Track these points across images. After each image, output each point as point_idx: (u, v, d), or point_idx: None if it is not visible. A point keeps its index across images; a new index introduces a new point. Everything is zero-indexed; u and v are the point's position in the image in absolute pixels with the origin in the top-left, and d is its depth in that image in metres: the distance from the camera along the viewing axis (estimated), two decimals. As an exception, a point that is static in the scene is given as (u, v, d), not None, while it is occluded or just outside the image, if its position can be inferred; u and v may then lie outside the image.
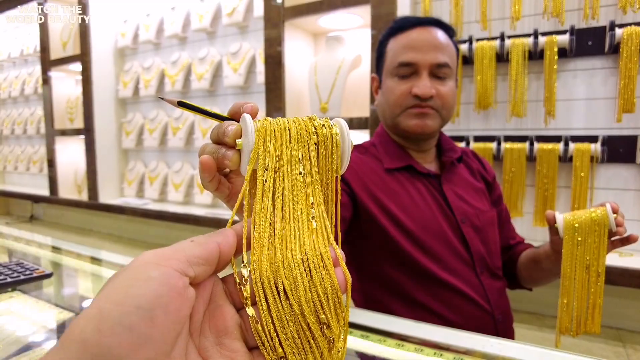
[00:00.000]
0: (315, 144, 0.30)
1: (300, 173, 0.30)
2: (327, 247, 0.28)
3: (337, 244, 0.30)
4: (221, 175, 0.37)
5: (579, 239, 0.74)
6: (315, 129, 0.30)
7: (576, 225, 0.74)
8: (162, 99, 0.36)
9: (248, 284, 0.27)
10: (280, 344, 0.26)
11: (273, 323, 0.26)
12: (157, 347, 0.22)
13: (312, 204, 0.29)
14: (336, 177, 0.31)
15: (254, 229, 0.28)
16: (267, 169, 0.29)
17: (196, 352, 0.25)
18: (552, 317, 1.53)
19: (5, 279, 0.78)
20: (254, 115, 0.32)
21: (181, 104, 0.34)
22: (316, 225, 0.29)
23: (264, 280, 0.26)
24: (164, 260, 0.23)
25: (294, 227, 0.28)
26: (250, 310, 0.26)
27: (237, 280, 0.27)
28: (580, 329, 0.75)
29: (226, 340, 0.26)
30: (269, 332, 0.26)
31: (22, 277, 0.80)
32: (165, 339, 0.22)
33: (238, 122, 0.31)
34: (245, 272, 0.27)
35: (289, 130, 0.30)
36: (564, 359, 0.58)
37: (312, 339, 0.26)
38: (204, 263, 0.25)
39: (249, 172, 0.29)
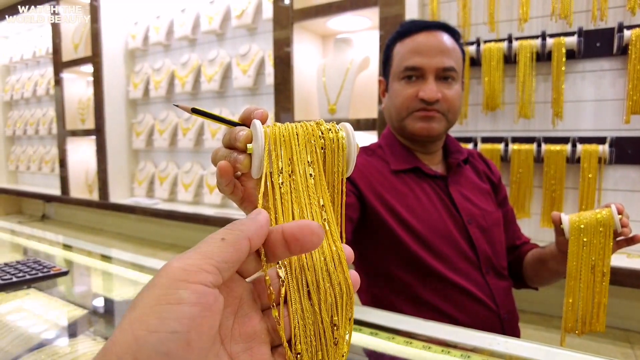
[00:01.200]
0: (322, 147, 0.31)
1: (311, 175, 0.31)
2: (341, 248, 0.29)
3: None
4: (235, 179, 0.38)
5: (585, 239, 0.75)
6: (322, 133, 0.32)
7: (582, 226, 0.75)
8: (177, 106, 0.38)
9: (284, 285, 0.28)
10: (300, 341, 0.27)
11: (298, 322, 0.27)
12: None
13: (323, 206, 0.30)
14: (342, 179, 0.32)
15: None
16: (281, 172, 0.30)
17: (227, 356, 0.25)
18: (559, 318, 1.52)
19: (24, 276, 0.80)
20: (263, 121, 0.34)
21: (195, 111, 0.35)
22: (328, 227, 0.30)
23: (295, 281, 0.28)
24: (193, 275, 0.22)
25: None
26: (276, 311, 0.27)
27: (268, 282, 0.28)
28: (586, 328, 0.76)
29: (255, 344, 0.26)
30: (294, 329, 0.27)
31: (40, 274, 0.82)
32: (201, 358, 0.22)
33: (249, 127, 0.33)
34: (282, 273, 0.28)
35: (297, 134, 0.31)
36: (569, 357, 0.59)
37: (324, 338, 0.28)
38: (233, 266, 0.25)
39: (262, 175, 0.30)
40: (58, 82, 3.06)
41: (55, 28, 3.02)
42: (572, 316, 0.78)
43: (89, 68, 2.86)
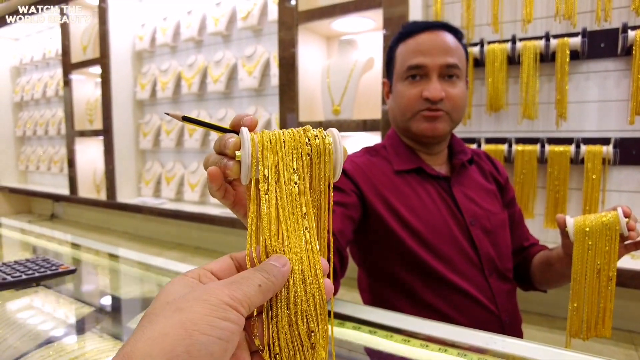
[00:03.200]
0: (309, 154, 0.32)
1: (295, 183, 0.32)
2: (318, 259, 0.31)
3: (329, 249, 0.33)
4: (226, 184, 0.39)
5: (590, 243, 0.73)
6: (309, 139, 0.33)
7: (587, 229, 0.74)
8: (168, 114, 0.39)
9: None
10: (278, 344, 0.30)
11: (277, 327, 0.30)
12: None
13: (305, 214, 0.32)
14: (329, 184, 0.33)
15: (264, 240, 0.31)
16: (267, 180, 0.31)
17: None
18: (562, 319, 1.52)
19: (33, 273, 0.82)
20: (252, 128, 0.35)
21: (186, 119, 0.36)
22: (309, 236, 0.31)
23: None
24: (236, 305, 0.27)
25: (293, 238, 0.31)
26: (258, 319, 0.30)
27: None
28: (591, 333, 0.75)
29: (237, 350, 0.29)
30: (272, 333, 0.30)
31: (49, 272, 0.84)
32: None
33: (239, 134, 0.34)
34: None
35: (284, 141, 0.32)
36: (567, 357, 0.59)
37: (301, 343, 0.30)
38: (258, 305, 0.29)
39: (252, 181, 0.32)
40: (67, 83, 3.10)
41: (65, 30, 3.06)
42: (577, 321, 0.77)
43: (97, 69, 2.89)
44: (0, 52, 3.91)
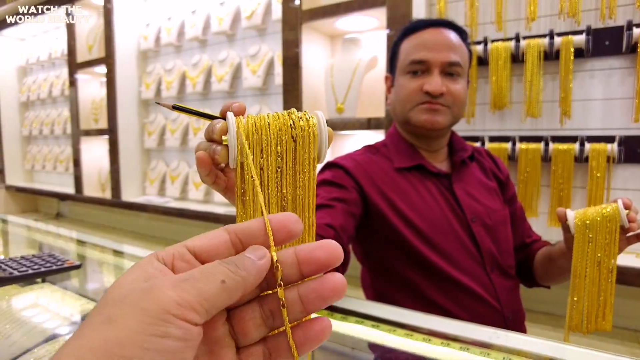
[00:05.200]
0: (293, 137, 0.33)
1: (278, 167, 0.32)
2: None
3: (314, 229, 0.33)
4: (218, 170, 0.40)
5: (590, 235, 0.74)
6: (293, 122, 0.33)
7: (587, 222, 0.74)
8: (159, 103, 0.40)
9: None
10: None
11: None
12: None
13: (285, 197, 0.32)
14: (313, 165, 0.34)
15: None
16: (253, 164, 0.32)
17: None
18: (565, 318, 1.52)
19: (39, 268, 0.83)
20: (241, 113, 0.35)
21: (176, 108, 0.37)
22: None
23: None
24: (183, 312, 0.21)
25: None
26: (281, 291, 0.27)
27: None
28: (591, 327, 0.76)
29: (216, 348, 0.25)
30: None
31: (54, 267, 0.85)
32: None
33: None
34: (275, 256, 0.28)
35: (269, 124, 0.33)
36: (570, 352, 0.59)
37: None
38: (221, 309, 0.24)
39: (237, 165, 0.33)
40: (72, 83, 3.12)
41: (70, 30, 3.08)
42: (577, 314, 0.78)
43: (102, 69, 2.91)
44: (6, 52, 3.93)
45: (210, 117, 0.37)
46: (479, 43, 1.61)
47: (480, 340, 0.63)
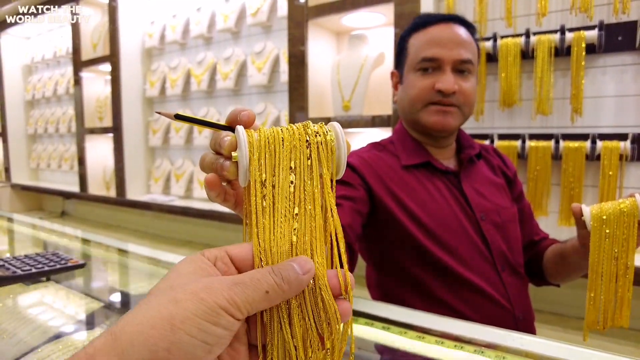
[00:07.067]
0: (308, 155, 0.30)
1: (292, 183, 0.30)
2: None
3: (338, 243, 0.31)
4: (226, 186, 0.37)
5: (607, 231, 0.72)
6: (309, 137, 0.31)
7: (604, 217, 0.72)
8: (160, 113, 0.37)
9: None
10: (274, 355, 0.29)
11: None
12: None
13: (296, 215, 0.30)
14: (332, 182, 0.31)
15: (261, 252, 0.30)
16: (264, 185, 0.30)
17: None
18: (576, 319, 1.49)
19: (43, 267, 0.82)
20: (250, 124, 0.33)
21: (178, 117, 0.34)
22: (296, 239, 0.29)
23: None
24: (232, 310, 0.26)
25: (279, 244, 0.30)
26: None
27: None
28: (608, 323, 0.74)
29: (235, 342, 0.29)
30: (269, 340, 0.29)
31: (58, 266, 0.84)
32: None
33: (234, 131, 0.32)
34: None
35: (283, 139, 0.31)
36: (585, 355, 0.57)
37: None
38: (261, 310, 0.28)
39: (250, 184, 0.30)
40: (77, 81, 3.12)
41: (75, 28, 3.08)
42: (594, 311, 0.76)
43: (107, 67, 2.90)
44: (12, 51, 3.94)
45: (217, 127, 0.34)
46: (488, 39, 1.58)
47: (496, 343, 0.61)
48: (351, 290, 0.30)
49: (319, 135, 0.31)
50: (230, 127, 0.34)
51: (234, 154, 0.31)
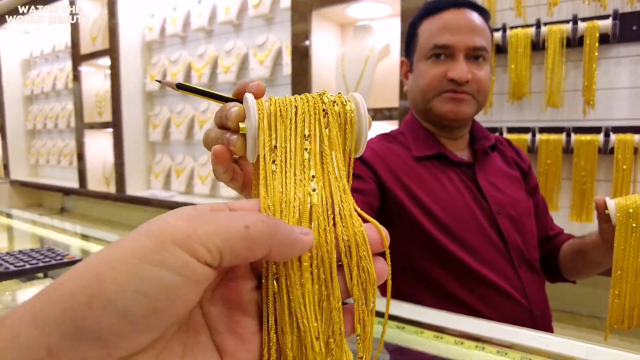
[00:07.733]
0: (326, 124, 0.27)
1: (306, 149, 0.26)
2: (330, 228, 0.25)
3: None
4: (234, 164, 0.34)
5: (634, 224, 0.69)
6: (325, 106, 0.27)
7: (630, 210, 0.69)
8: (160, 82, 0.33)
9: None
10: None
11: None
12: (155, 334, 0.19)
13: (313, 176, 0.26)
14: (350, 159, 0.28)
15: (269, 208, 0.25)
16: (275, 150, 0.26)
17: (201, 316, 0.22)
18: (589, 317, 1.46)
19: (37, 263, 0.79)
20: (260, 95, 0.29)
21: (180, 87, 0.31)
22: (316, 199, 0.25)
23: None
24: (191, 246, 0.19)
25: (293, 207, 0.25)
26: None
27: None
28: (633, 322, 0.71)
29: (237, 313, 0.23)
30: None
31: (53, 262, 0.81)
32: (166, 325, 0.19)
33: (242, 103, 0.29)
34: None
35: (296, 109, 0.27)
36: (611, 355, 0.54)
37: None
38: (237, 261, 0.21)
39: (258, 157, 0.27)
40: (76, 76, 3.08)
41: (74, 22, 3.03)
42: (618, 308, 0.73)
43: (106, 61, 2.86)
44: (10, 46, 3.90)
45: (222, 99, 0.31)
46: (497, 30, 1.54)
47: (518, 344, 0.57)
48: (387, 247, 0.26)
49: (337, 105, 0.27)
50: (237, 100, 0.30)
51: (241, 125, 0.27)
